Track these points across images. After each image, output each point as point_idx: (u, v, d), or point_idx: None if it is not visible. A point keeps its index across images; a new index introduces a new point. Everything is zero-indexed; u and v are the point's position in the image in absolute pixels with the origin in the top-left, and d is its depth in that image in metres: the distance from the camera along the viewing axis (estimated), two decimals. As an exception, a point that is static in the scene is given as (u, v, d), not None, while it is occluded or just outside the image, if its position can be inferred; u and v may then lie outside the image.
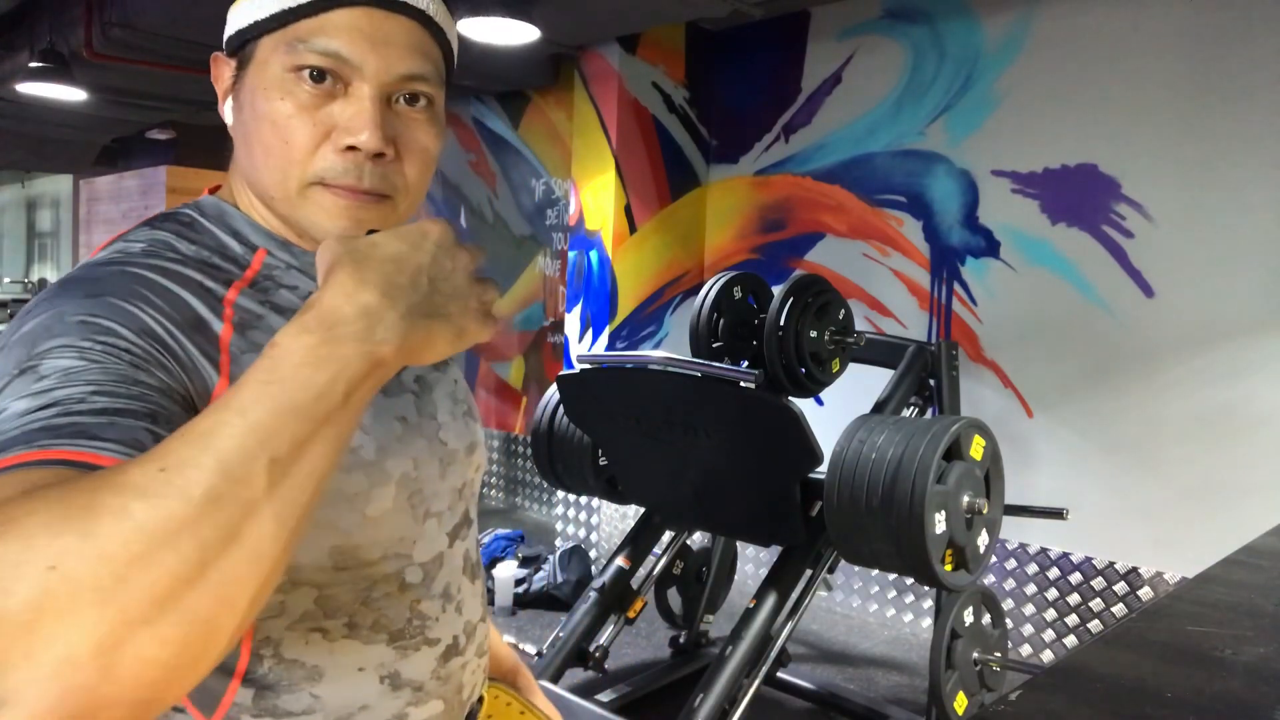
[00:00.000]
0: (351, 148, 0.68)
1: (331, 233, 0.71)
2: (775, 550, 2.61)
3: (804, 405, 2.38)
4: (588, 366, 2.63)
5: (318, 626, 0.68)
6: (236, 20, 0.72)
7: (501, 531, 4.35)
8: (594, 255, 4.28)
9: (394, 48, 0.68)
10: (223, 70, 0.74)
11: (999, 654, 2.65)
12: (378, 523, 0.70)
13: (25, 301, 8.19)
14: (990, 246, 3.59)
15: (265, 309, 0.69)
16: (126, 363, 0.56)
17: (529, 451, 4.86)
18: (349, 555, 0.69)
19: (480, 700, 0.87)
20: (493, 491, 5.52)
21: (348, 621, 0.70)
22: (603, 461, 2.88)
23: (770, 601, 2.39)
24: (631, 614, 2.85)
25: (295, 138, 0.68)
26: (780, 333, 2.47)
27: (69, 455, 0.47)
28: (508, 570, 3.78)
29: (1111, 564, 3.26)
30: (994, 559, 3.48)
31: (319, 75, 0.67)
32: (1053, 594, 3.38)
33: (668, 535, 3.08)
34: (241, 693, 0.68)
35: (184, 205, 0.76)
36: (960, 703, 2.51)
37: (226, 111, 0.74)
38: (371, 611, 0.71)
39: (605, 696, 2.89)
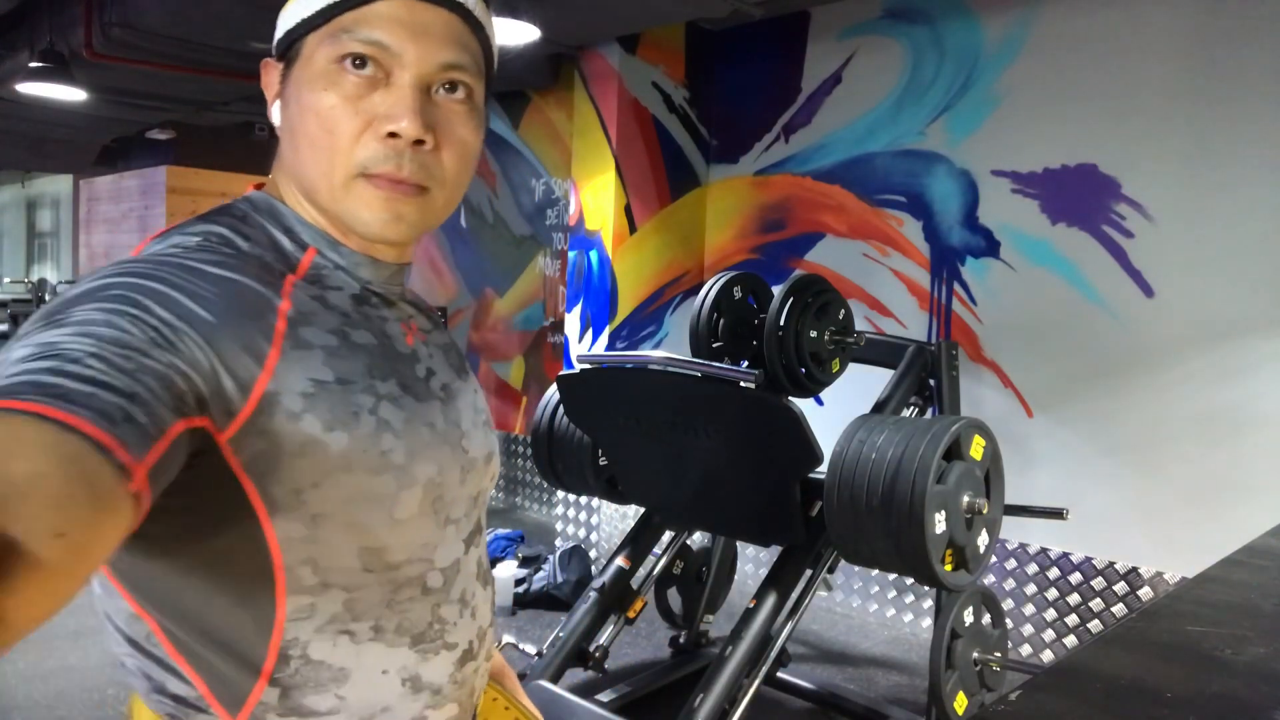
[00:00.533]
0: (392, 134, 0.69)
1: (372, 225, 0.72)
2: (775, 550, 2.61)
3: (804, 405, 2.38)
4: (588, 366, 2.63)
5: (346, 629, 0.69)
6: (285, 23, 0.74)
7: (501, 531, 4.35)
8: (594, 255, 4.28)
9: (433, 37, 0.71)
10: (271, 75, 0.76)
11: (999, 654, 2.65)
12: (404, 526, 0.71)
13: (26, 302, 8.19)
14: (990, 246, 3.59)
15: (316, 305, 0.71)
16: (145, 337, 0.57)
17: (529, 451, 4.85)
18: (376, 557, 0.70)
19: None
20: (493, 491, 5.52)
21: (374, 624, 0.71)
22: (603, 461, 2.88)
23: (770, 601, 2.39)
24: (631, 614, 2.85)
25: (339, 127, 0.70)
26: (780, 333, 2.47)
27: (41, 410, 0.47)
28: (508, 570, 3.78)
29: (1111, 564, 3.26)
30: (994, 559, 3.48)
31: (360, 61, 0.70)
32: (1053, 594, 3.38)
33: (668, 535, 3.08)
34: (268, 692, 0.68)
35: (237, 200, 0.77)
36: (960, 703, 2.51)
37: (274, 113, 0.76)
38: (396, 614, 0.72)
39: (605, 696, 2.88)
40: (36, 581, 0.42)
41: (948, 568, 2.18)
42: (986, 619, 2.64)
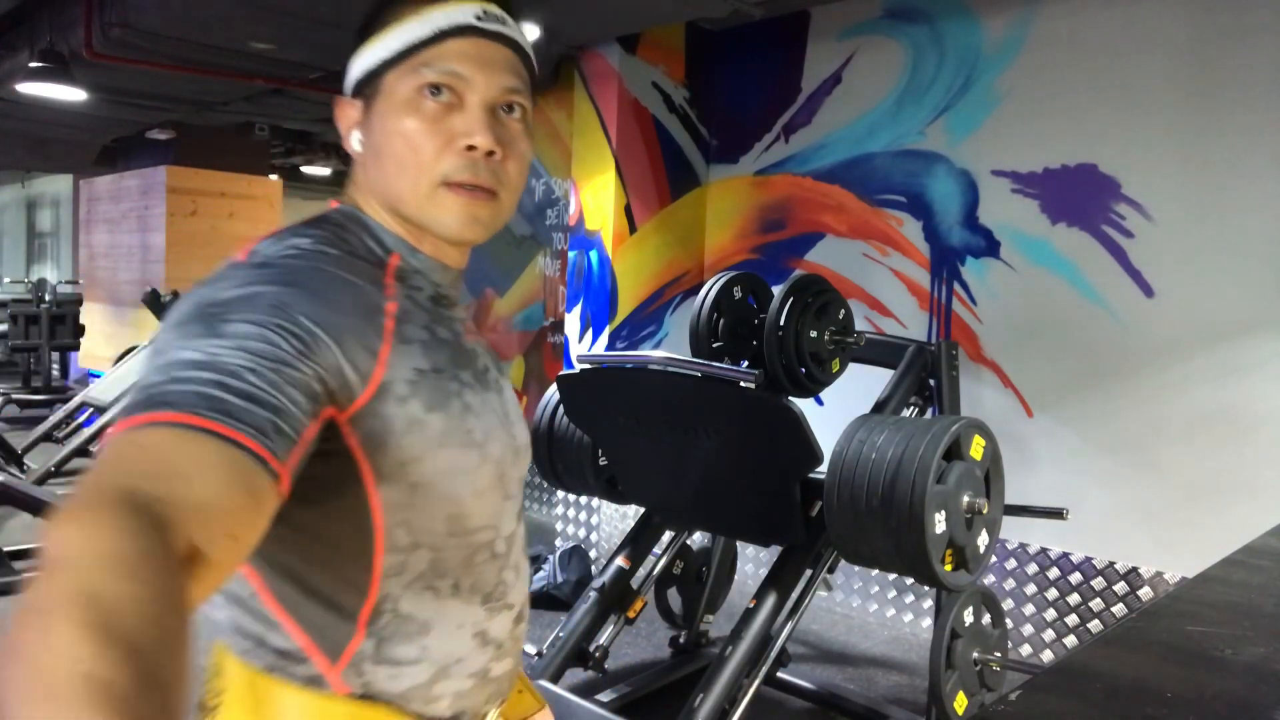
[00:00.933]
0: (470, 148, 0.82)
1: (452, 227, 0.85)
2: (775, 550, 2.61)
3: (804, 405, 2.38)
4: (588, 366, 2.63)
5: (430, 585, 0.80)
6: (362, 64, 0.85)
7: (501, 531, 4.34)
8: (594, 255, 4.28)
9: (495, 67, 0.84)
10: (347, 111, 0.88)
11: (999, 654, 2.65)
12: (481, 497, 0.83)
13: (26, 301, 8.19)
14: (990, 246, 3.59)
15: (409, 303, 0.82)
16: (291, 350, 0.67)
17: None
18: (458, 523, 0.81)
19: None
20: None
21: (454, 583, 0.82)
22: (603, 461, 2.88)
23: (770, 601, 2.39)
24: (631, 614, 2.85)
25: (423, 145, 0.82)
26: (780, 333, 2.47)
27: (214, 427, 0.60)
28: (508, 570, 3.78)
29: (1111, 564, 3.26)
30: (994, 559, 3.48)
31: (438, 89, 0.82)
32: (1053, 594, 3.38)
33: (668, 535, 3.08)
34: (365, 643, 0.78)
35: (330, 211, 0.88)
36: (960, 703, 2.51)
37: (354, 142, 0.87)
38: (471, 574, 0.83)
39: (605, 696, 2.88)
40: (210, 574, 0.57)
41: (948, 568, 2.18)
42: (986, 619, 2.64)
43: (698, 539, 3.34)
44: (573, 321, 4.39)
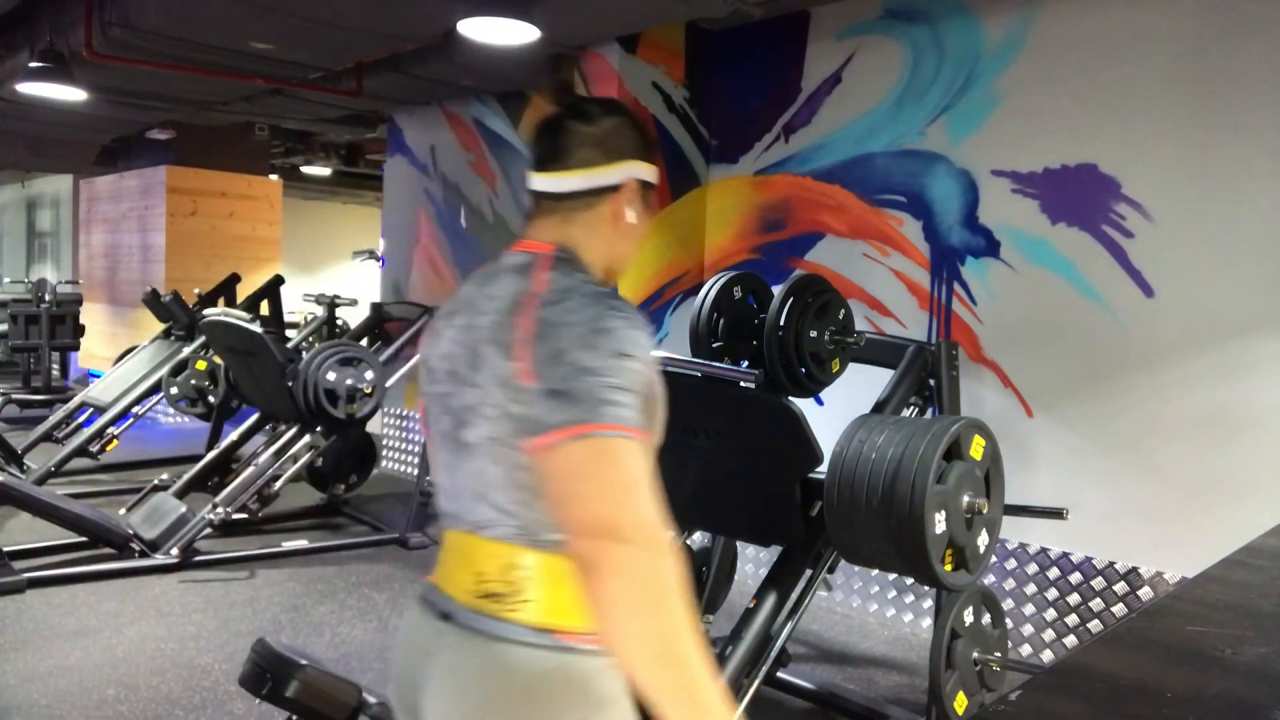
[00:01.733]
0: None
1: (623, 279, 1.41)
2: (775, 550, 2.61)
3: (804, 405, 2.38)
4: (588, 366, 2.63)
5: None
6: (644, 174, 1.28)
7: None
8: (594, 255, 4.28)
9: None
10: (636, 195, 1.27)
11: (999, 654, 2.64)
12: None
13: (26, 301, 8.17)
14: (990, 246, 3.59)
15: None
16: (649, 371, 1.12)
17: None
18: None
19: None
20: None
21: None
22: (603, 461, 2.87)
23: (770, 601, 2.39)
24: (631, 614, 2.84)
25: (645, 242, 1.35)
26: (780, 333, 2.47)
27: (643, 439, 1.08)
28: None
29: (1111, 564, 3.26)
30: (994, 559, 3.48)
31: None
32: (1053, 594, 3.38)
33: (668, 535, 3.07)
34: None
35: (559, 251, 1.23)
36: (960, 703, 2.51)
37: (630, 213, 1.27)
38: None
39: (605, 696, 2.88)
40: None
41: (948, 568, 2.18)
42: (986, 619, 2.64)
43: (698, 539, 3.34)
44: (573, 321, 4.39)
